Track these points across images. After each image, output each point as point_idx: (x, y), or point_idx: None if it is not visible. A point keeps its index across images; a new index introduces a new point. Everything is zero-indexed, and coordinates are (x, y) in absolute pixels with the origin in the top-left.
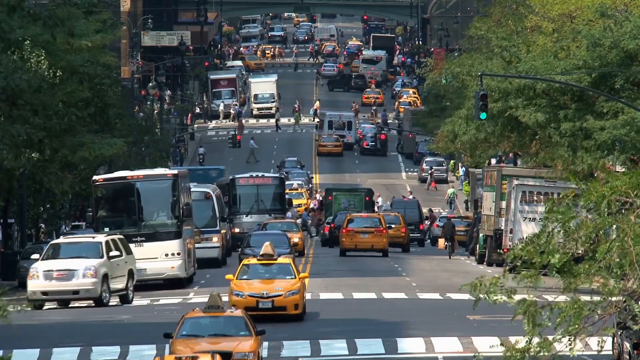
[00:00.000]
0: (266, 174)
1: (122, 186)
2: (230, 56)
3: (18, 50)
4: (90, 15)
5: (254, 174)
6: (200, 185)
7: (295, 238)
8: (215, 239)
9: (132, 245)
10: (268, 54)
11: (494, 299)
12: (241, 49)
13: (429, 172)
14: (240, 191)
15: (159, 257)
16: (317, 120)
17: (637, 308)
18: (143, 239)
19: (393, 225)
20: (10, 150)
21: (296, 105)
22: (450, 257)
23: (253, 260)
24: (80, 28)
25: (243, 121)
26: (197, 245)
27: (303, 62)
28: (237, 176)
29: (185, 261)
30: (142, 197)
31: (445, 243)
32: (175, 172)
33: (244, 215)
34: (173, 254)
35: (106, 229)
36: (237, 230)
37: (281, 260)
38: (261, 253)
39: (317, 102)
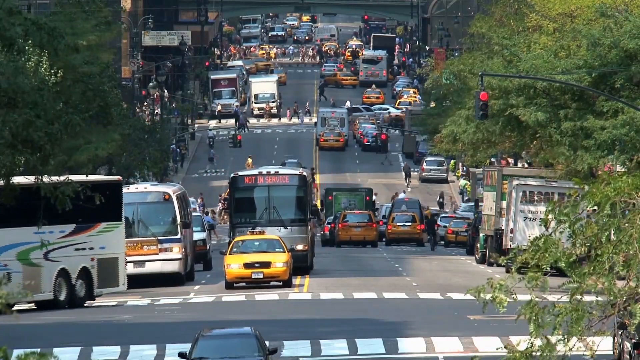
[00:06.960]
0: (281, 171)
1: None
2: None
3: (21, 53)
4: (90, 14)
5: (265, 170)
6: (157, 184)
7: (279, 262)
8: (175, 249)
9: None
10: (272, 54)
11: (499, 302)
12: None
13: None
14: (243, 194)
15: None
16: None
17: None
18: None
19: (409, 223)
20: (6, 150)
21: (295, 107)
22: (433, 250)
23: None
24: (80, 27)
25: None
26: (153, 257)
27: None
28: (240, 173)
29: None
30: None
31: (428, 237)
32: None
33: (249, 228)
34: None
35: None
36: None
37: None
38: None
39: (307, 103)
